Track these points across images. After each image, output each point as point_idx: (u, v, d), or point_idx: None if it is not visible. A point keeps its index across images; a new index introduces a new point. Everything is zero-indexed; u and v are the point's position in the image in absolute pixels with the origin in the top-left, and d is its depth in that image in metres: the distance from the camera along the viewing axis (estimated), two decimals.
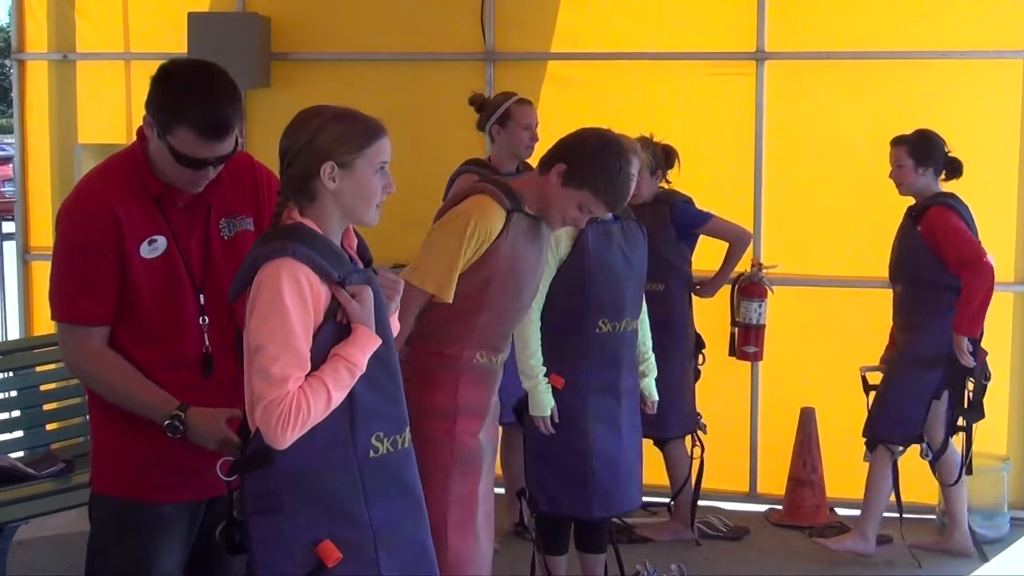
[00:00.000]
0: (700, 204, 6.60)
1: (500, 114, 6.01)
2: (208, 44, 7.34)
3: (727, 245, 6.57)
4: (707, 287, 6.69)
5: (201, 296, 3.57)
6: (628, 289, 5.24)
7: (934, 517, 6.89)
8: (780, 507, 7.07)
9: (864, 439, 6.43)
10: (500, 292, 4.29)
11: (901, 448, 6.37)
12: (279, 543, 3.12)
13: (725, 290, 6.86)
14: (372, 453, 3.20)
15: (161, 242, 3.52)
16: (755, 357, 6.86)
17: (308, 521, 3.12)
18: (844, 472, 6.79)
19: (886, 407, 6.31)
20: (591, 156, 4.29)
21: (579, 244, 5.08)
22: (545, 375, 5.06)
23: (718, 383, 6.91)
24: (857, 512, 6.65)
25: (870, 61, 7.07)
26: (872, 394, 6.44)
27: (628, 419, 5.30)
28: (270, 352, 3.02)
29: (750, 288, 6.83)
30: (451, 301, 4.22)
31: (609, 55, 7.35)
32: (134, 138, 3.56)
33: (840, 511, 6.96)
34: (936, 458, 6.31)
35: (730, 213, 6.93)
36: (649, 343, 5.49)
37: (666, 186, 6.54)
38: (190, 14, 7.47)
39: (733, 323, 6.91)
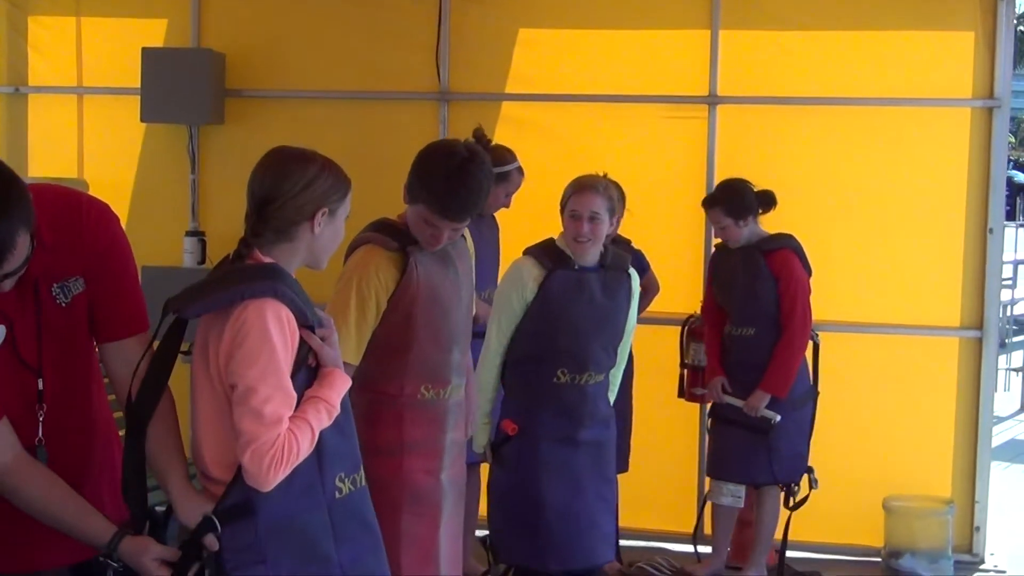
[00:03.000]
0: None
1: None
2: (162, 80, 7.34)
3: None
4: None
5: (40, 382, 3.19)
6: (595, 341, 5.14)
7: (879, 560, 6.92)
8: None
9: (750, 482, 6.56)
10: (426, 322, 4.23)
11: (796, 486, 6.53)
12: None
13: (673, 332, 6.88)
14: (337, 494, 3.20)
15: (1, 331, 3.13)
16: (704, 399, 6.89)
17: (288, 569, 3.11)
18: (794, 515, 6.81)
19: (779, 450, 6.42)
20: (420, 166, 4.20)
21: (542, 291, 5.03)
22: (490, 416, 5.05)
23: (666, 424, 6.93)
24: (807, 554, 6.74)
25: (821, 107, 7.14)
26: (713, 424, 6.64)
27: (589, 471, 5.19)
28: (263, 394, 3.00)
29: (700, 330, 6.86)
30: (356, 363, 4.12)
31: (563, 96, 7.40)
32: (85, 172, 3.40)
33: (789, 553, 6.98)
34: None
35: (680, 255, 7.02)
36: (613, 393, 5.37)
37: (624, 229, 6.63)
38: (144, 49, 7.45)
39: (682, 364, 6.94)
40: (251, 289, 3.08)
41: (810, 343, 6.56)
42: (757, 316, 6.43)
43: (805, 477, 6.54)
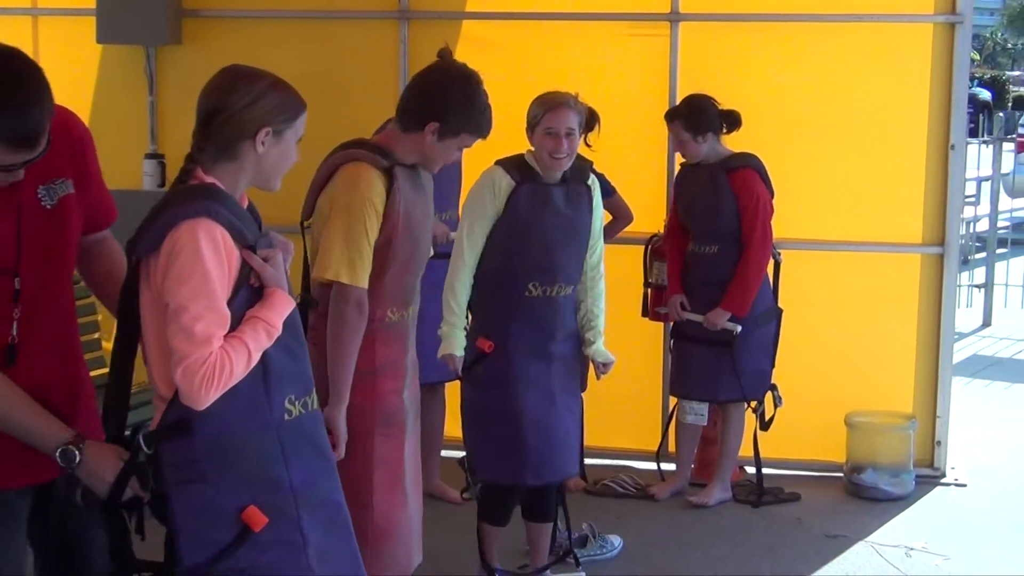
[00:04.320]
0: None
1: None
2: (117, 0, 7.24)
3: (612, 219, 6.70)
4: None
5: (17, 280, 3.20)
6: (563, 254, 5.17)
7: (841, 475, 6.99)
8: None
9: (719, 400, 6.65)
10: (401, 247, 4.23)
11: (760, 403, 6.61)
12: (204, 512, 3.11)
13: (636, 251, 6.89)
14: (286, 416, 3.19)
15: None
16: (668, 317, 6.90)
17: (232, 488, 3.11)
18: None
19: (743, 366, 6.49)
20: (458, 106, 4.25)
21: (510, 204, 5.06)
22: (467, 328, 5.06)
23: (631, 343, 6.94)
24: (769, 471, 6.82)
25: (783, 23, 7.12)
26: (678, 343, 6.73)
27: (561, 385, 5.25)
28: (193, 312, 2.99)
29: (663, 249, 6.86)
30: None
31: (524, 15, 7.34)
32: None
33: (751, 469, 7.05)
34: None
35: (643, 174, 7.00)
36: (599, 308, 5.38)
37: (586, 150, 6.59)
38: None
39: (646, 284, 6.95)
40: (184, 210, 3.07)
41: (772, 261, 6.59)
42: (719, 234, 6.45)
43: (769, 395, 6.60)
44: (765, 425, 6.65)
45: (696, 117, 6.43)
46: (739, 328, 6.39)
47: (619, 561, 6.00)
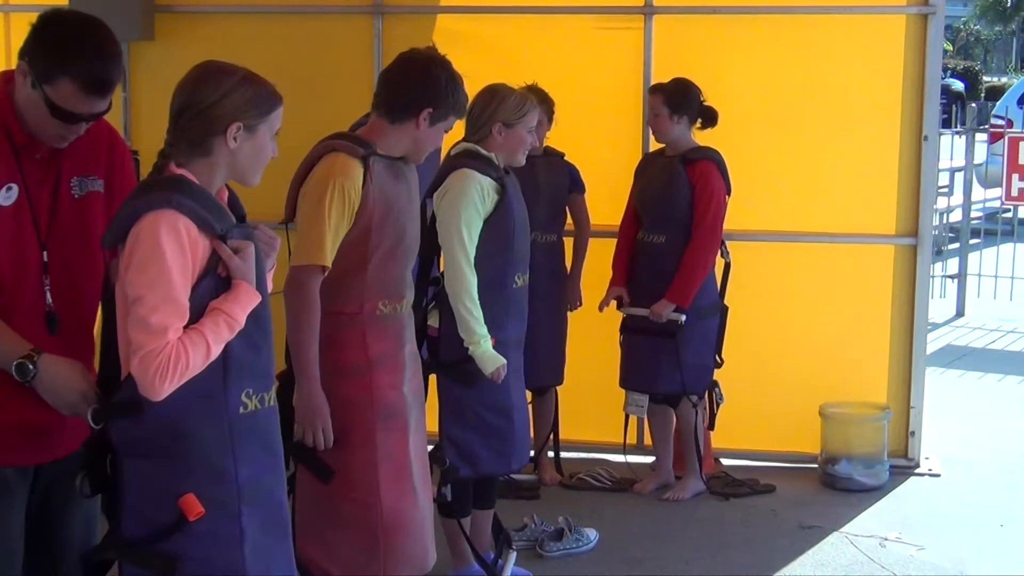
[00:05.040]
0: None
1: None
2: None
3: (576, 231, 6.79)
4: (571, 293, 6.75)
5: (45, 253, 3.41)
6: (528, 241, 5.34)
7: (816, 466, 7.02)
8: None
9: (655, 390, 6.63)
10: (382, 237, 4.23)
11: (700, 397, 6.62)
12: (147, 489, 3.14)
13: (607, 244, 6.88)
14: (242, 409, 3.20)
15: (15, 191, 3.37)
16: (601, 308, 6.83)
17: (175, 473, 3.13)
18: (732, 423, 6.88)
19: (684, 358, 6.48)
20: (447, 92, 4.32)
21: (505, 201, 5.07)
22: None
23: (601, 336, 6.95)
24: (745, 462, 6.84)
25: (757, 16, 7.13)
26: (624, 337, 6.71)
27: (520, 369, 5.35)
28: (149, 302, 3.00)
29: None
30: (329, 265, 4.16)
31: (499, 9, 7.34)
32: None
33: (726, 461, 7.07)
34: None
35: (617, 167, 7.00)
36: None
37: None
38: None
39: None
40: (147, 202, 3.09)
41: (722, 261, 6.60)
42: (669, 223, 6.46)
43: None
44: (710, 423, 6.67)
45: (679, 96, 6.46)
46: (683, 317, 6.39)
47: (595, 554, 6.01)
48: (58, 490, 3.50)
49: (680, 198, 6.43)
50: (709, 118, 6.52)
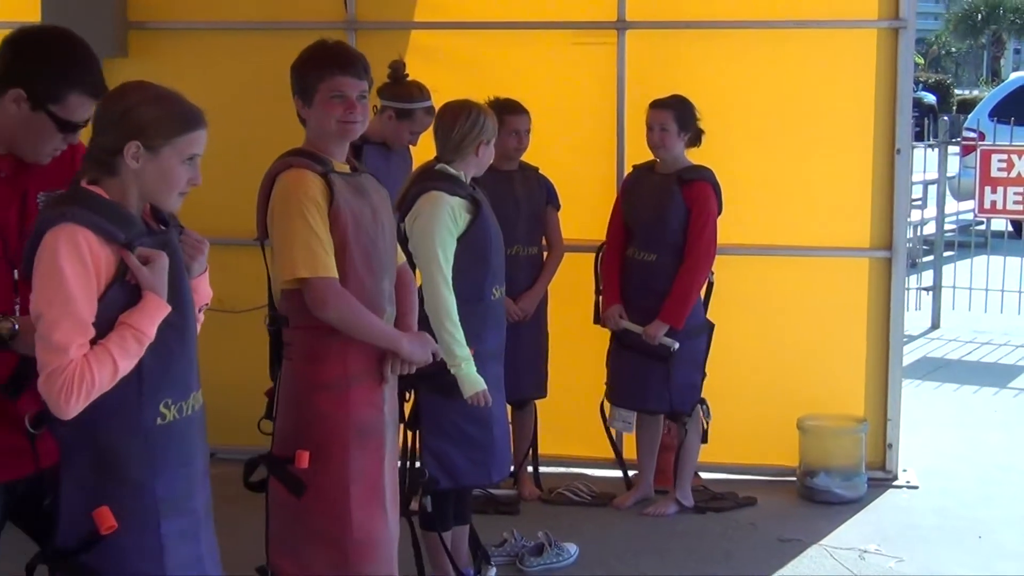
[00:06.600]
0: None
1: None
2: (62, 12, 7.14)
3: (548, 248, 6.74)
4: (526, 301, 6.59)
5: (15, 272, 3.36)
6: (502, 252, 5.35)
7: (794, 479, 7.02)
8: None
9: (642, 409, 6.66)
10: (358, 250, 4.20)
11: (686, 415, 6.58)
12: (74, 497, 3.13)
13: (585, 259, 6.87)
14: (159, 420, 3.18)
15: None
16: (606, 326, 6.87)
17: (96, 484, 3.12)
18: (710, 437, 6.86)
19: (674, 378, 6.48)
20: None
21: (480, 217, 5.08)
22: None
23: (582, 350, 6.95)
24: (724, 475, 6.83)
25: (729, 31, 7.14)
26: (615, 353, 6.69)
27: (500, 380, 5.34)
28: (49, 319, 2.98)
29: None
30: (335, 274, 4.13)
31: (472, 24, 7.33)
32: None
33: (704, 475, 7.06)
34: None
35: (592, 182, 7.02)
36: None
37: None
38: None
39: (598, 291, 6.93)
40: (46, 221, 3.07)
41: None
42: (662, 243, 6.45)
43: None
44: (703, 437, 6.67)
45: (687, 114, 6.45)
46: (676, 345, 6.38)
47: (575, 569, 6.00)
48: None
49: (674, 219, 6.41)
50: (696, 137, 6.53)
